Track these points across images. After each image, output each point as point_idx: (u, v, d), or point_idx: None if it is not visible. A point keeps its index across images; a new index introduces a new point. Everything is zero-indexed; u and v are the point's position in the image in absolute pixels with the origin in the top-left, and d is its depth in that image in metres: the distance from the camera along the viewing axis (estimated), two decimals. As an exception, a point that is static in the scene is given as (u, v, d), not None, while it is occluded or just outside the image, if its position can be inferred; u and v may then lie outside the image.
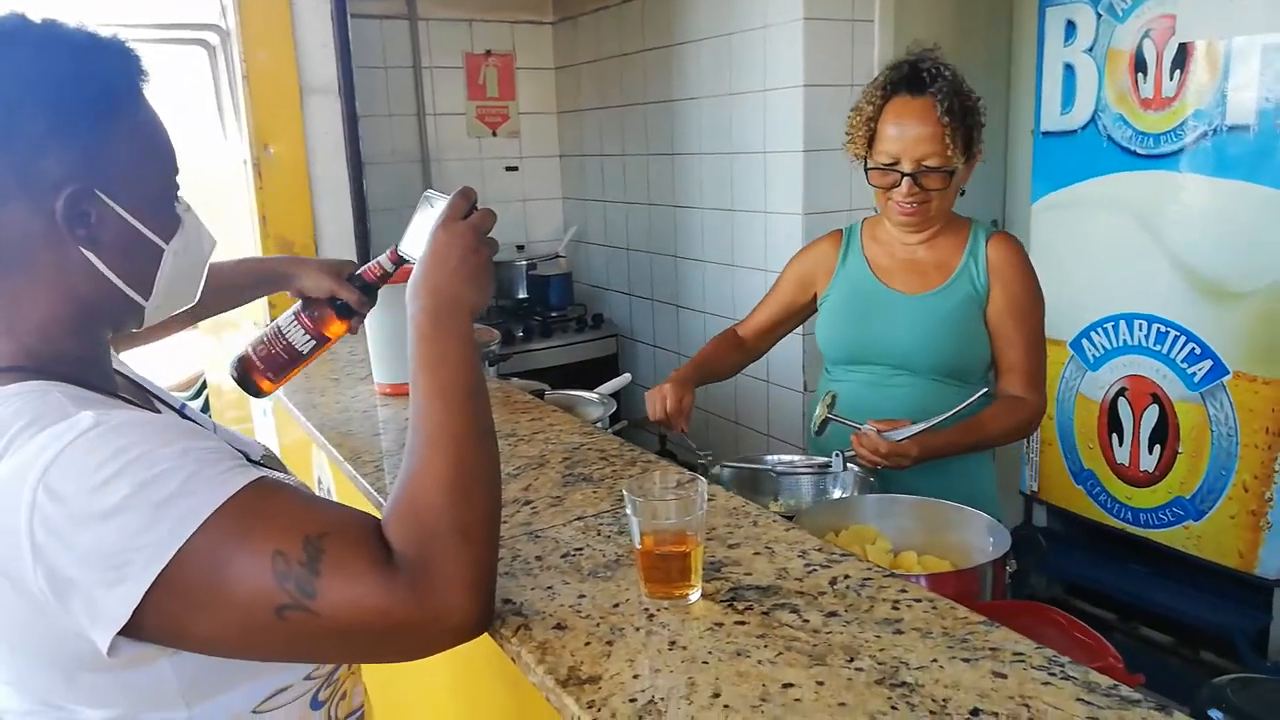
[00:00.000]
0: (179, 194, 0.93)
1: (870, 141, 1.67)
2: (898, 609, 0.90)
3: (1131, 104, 2.57)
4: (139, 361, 1.23)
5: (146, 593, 0.69)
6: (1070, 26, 2.70)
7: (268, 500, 0.75)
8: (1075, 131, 2.73)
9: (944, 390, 1.72)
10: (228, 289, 1.56)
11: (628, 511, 0.92)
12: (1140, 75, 2.54)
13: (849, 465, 1.64)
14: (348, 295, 1.41)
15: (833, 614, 0.89)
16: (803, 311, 1.92)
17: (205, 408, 4.31)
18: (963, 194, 1.73)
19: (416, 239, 1.14)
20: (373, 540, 0.76)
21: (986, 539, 1.43)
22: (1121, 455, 2.73)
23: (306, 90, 2.60)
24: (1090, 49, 2.65)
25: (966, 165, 1.67)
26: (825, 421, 1.61)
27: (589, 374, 3.60)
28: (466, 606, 0.76)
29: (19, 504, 0.70)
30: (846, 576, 0.97)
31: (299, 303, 1.45)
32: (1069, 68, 2.72)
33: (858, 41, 2.92)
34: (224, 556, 0.71)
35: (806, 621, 0.88)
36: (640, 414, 3.88)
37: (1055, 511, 3.00)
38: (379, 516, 0.80)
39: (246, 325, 2.63)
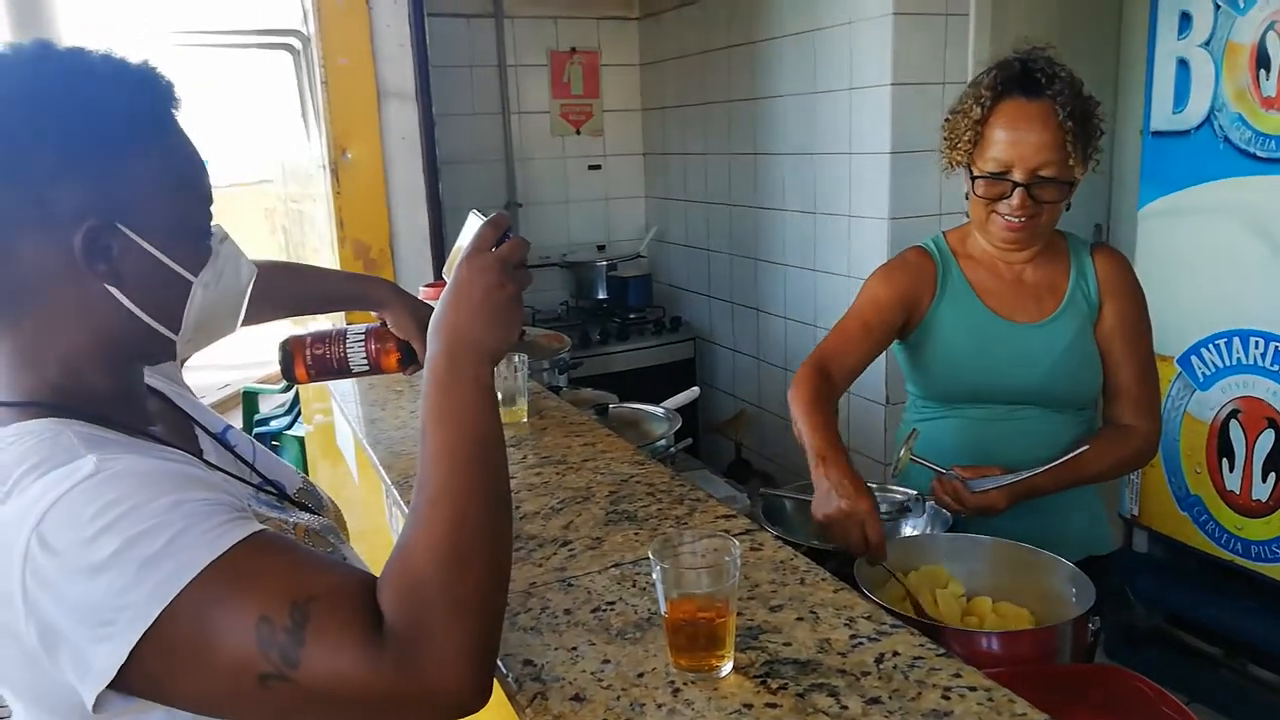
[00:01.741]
0: (213, 224, 0.90)
1: (973, 148, 1.50)
2: (948, 698, 0.81)
3: (1251, 103, 2.37)
4: (235, 346, 1.20)
5: (131, 652, 0.68)
6: (1185, 19, 2.50)
7: (258, 560, 0.72)
8: (1188, 132, 2.54)
9: (1065, 421, 1.59)
10: (326, 298, 1.57)
11: (654, 577, 0.86)
12: (1263, 72, 2.33)
13: (927, 505, 1.54)
14: (420, 349, 1.40)
15: (875, 700, 0.81)
16: (892, 334, 1.63)
17: (296, 400, 4.42)
18: (1069, 208, 1.53)
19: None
20: (363, 607, 0.72)
21: (1069, 588, 1.32)
22: (1232, 482, 2.53)
23: (384, 94, 2.60)
24: (1207, 43, 2.45)
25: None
26: (900, 464, 1.50)
27: (666, 379, 3.55)
28: (458, 684, 0.71)
29: (14, 552, 0.69)
30: (895, 654, 0.88)
31: (375, 324, 1.44)
32: (1183, 63, 2.53)
33: (951, 37, 2.77)
34: (208, 620, 0.69)
35: (845, 709, 0.80)
36: (716, 420, 3.83)
37: (1157, 538, 2.81)
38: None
39: (324, 318, 2.66)
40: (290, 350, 1.40)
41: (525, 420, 1.74)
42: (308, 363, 1.40)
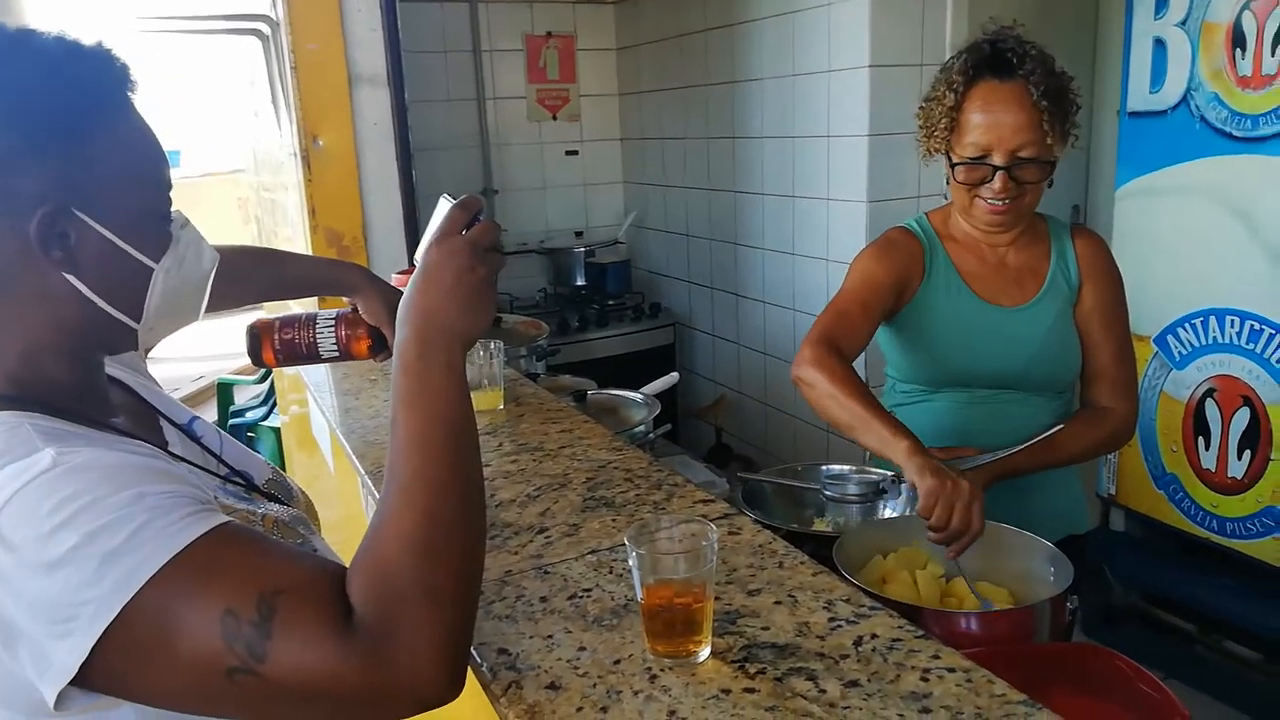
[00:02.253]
0: (173, 209, 0.88)
1: (950, 134, 1.49)
2: (927, 680, 0.80)
3: (1228, 82, 2.37)
4: (209, 337, 1.18)
5: (93, 648, 0.66)
6: (1161, -2, 2.50)
7: (223, 552, 0.70)
8: (1165, 112, 2.54)
9: (1043, 404, 1.60)
10: (299, 283, 1.53)
11: (630, 563, 0.84)
12: (1238, 51, 2.33)
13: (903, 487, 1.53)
14: (390, 336, 1.38)
15: (853, 683, 0.80)
16: (887, 310, 1.61)
17: (271, 391, 4.38)
18: (1050, 185, 1.52)
19: None
20: (332, 598, 0.70)
21: (1047, 568, 1.32)
22: (1208, 460, 2.55)
23: (355, 80, 2.56)
24: (1183, 22, 2.45)
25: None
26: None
27: (646, 365, 3.53)
28: (431, 675, 0.69)
29: None
30: (874, 636, 0.88)
31: (346, 310, 1.41)
32: (1159, 43, 2.53)
33: (929, 18, 2.76)
34: (172, 614, 0.67)
35: (823, 692, 0.79)
36: (696, 405, 3.82)
37: (1134, 516, 2.83)
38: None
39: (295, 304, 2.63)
40: (258, 334, 1.38)
41: (502, 407, 1.72)
42: (276, 348, 1.37)
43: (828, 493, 1.54)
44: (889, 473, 1.57)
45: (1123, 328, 1.61)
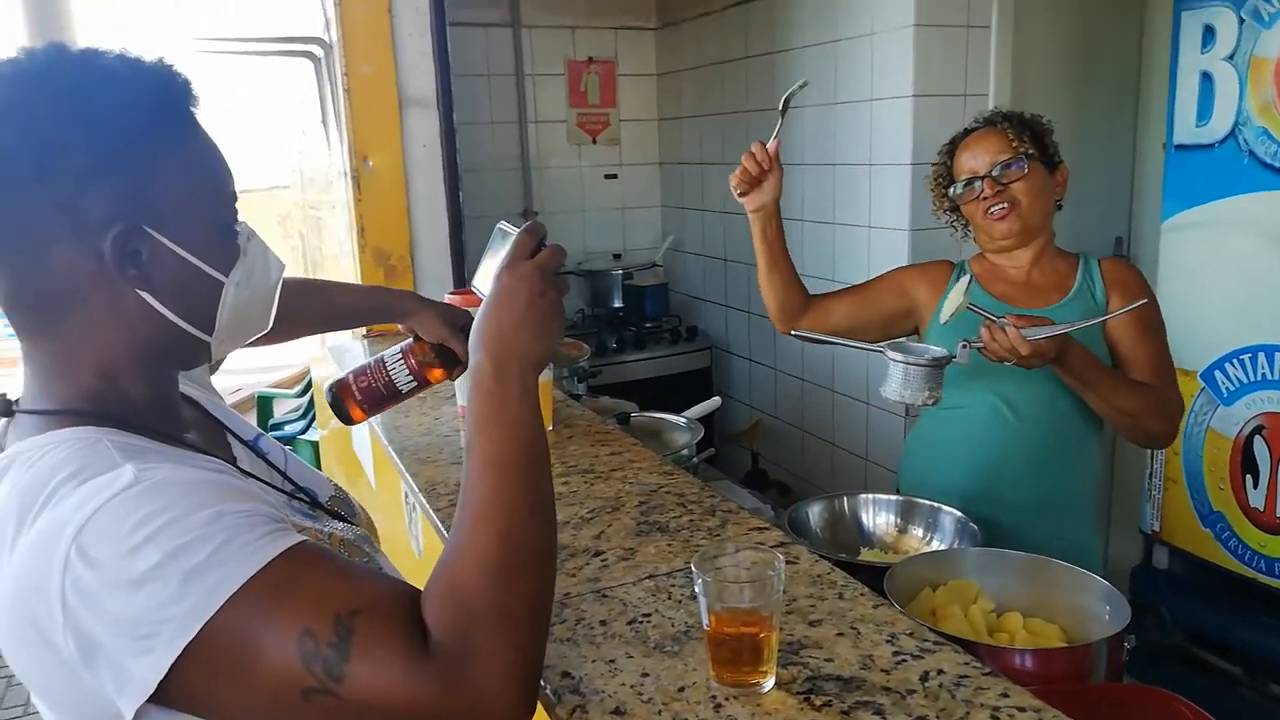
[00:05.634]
0: (239, 222, 0.90)
1: (949, 186, 1.77)
2: (998, 718, 0.80)
3: (1277, 116, 2.35)
4: (248, 351, 1.19)
5: (172, 665, 0.67)
6: (1209, 32, 2.49)
7: (300, 572, 0.71)
8: (1212, 145, 2.52)
9: (1074, 405, 1.69)
10: (352, 312, 1.56)
11: (696, 590, 0.85)
12: (1289, 86, 2.32)
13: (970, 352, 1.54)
14: (458, 347, 1.39)
15: (922, 719, 0.80)
16: (881, 313, 1.88)
17: (310, 406, 4.42)
18: (1059, 208, 1.75)
19: (489, 275, 1.08)
20: (409, 620, 0.71)
21: (1102, 606, 1.30)
22: (1256, 499, 2.51)
23: (405, 102, 2.60)
24: (1231, 56, 2.44)
25: (1050, 172, 1.70)
26: (957, 310, 1.57)
27: (682, 388, 3.54)
28: (506, 698, 0.70)
29: (53, 562, 0.68)
30: (940, 672, 0.87)
31: (408, 341, 1.43)
32: (1206, 76, 2.51)
33: (972, 49, 2.76)
34: (252, 633, 0.68)
35: (891, 726, 0.79)
36: (731, 430, 3.81)
37: (1178, 554, 2.79)
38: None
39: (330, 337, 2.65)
40: (339, 395, 1.39)
41: (551, 428, 1.74)
42: (358, 399, 1.38)
43: (891, 354, 1.53)
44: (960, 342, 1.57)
45: (1158, 336, 1.70)
